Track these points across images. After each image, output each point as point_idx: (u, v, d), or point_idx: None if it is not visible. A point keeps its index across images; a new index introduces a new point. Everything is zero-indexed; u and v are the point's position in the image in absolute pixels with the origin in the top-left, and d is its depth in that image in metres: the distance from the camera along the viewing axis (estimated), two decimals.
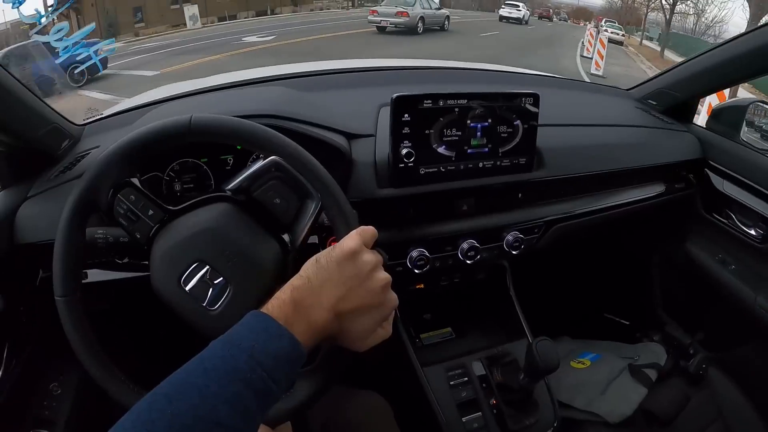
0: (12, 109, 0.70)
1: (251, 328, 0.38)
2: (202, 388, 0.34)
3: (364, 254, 0.43)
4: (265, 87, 0.91)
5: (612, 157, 0.90)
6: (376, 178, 0.72)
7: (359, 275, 0.43)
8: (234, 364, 0.36)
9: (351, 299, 0.42)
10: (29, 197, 0.77)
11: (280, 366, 0.37)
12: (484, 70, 1.11)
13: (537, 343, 0.70)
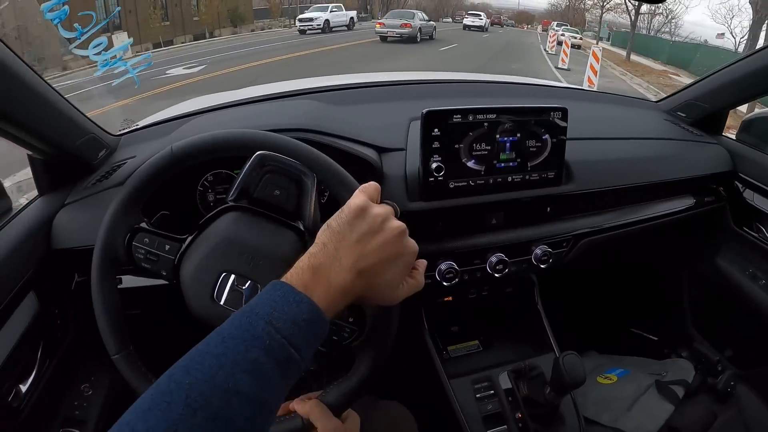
0: (52, 119, 0.72)
1: (269, 297, 0.37)
2: (220, 356, 0.33)
3: (372, 208, 0.43)
4: (296, 101, 0.93)
5: (641, 170, 0.90)
6: (406, 191, 0.73)
7: (372, 229, 0.42)
8: (252, 332, 0.35)
9: (369, 255, 0.41)
10: (66, 204, 0.80)
11: (300, 332, 0.36)
12: (512, 83, 1.11)
13: (564, 357, 0.70)
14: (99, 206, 0.79)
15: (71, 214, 0.79)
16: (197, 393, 0.32)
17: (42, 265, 0.75)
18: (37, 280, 0.74)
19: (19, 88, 0.64)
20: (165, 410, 0.31)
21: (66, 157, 0.79)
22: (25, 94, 0.66)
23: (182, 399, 0.31)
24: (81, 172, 0.83)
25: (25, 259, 0.74)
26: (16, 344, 0.66)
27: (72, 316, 0.83)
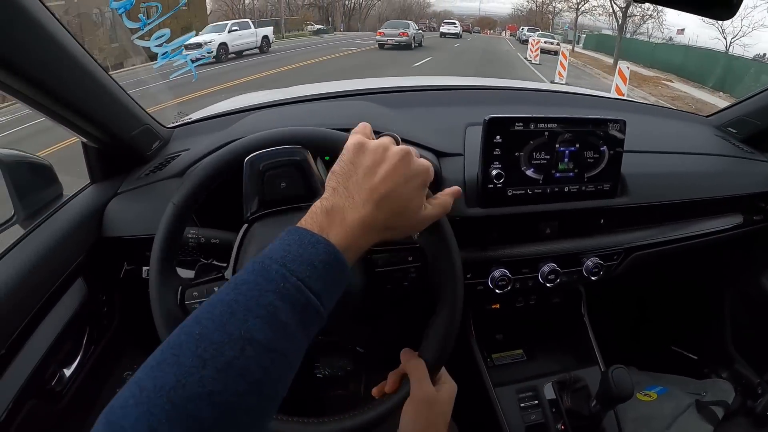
0: (111, 108, 0.74)
1: (284, 242, 0.35)
2: (231, 303, 0.31)
3: (369, 143, 0.43)
4: (353, 101, 0.93)
5: (692, 185, 0.89)
6: (465, 197, 0.73)
7: (376, 160, 0.41)
8: (265, 275, 0.33)
9: (380, 184, 0.40)
10: (119, 193, 0.81)
11: (317, 274, 0.34)
12: (563, 93, 1.11)
13: (613, 370, 0.70)
14: (152, 197, 0.80)
15: (124, 203, 0.80)
16: (208, 342, 0.29)
17: (92, 252, 0.77)
18: (86, 267, 0.75)
19: (81, 77, 0.65)
20: (174, 363, 0.29)
21: (120, 146, 0.80)
22: (86, 83, 0.67)
23: (192, 350, 0.29)
24: (134, 162, 0.84)
25: (76, 245, 0.75)
26: (63, 329, 0.68)
27: (118, 304, 0.84)
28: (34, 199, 0.81)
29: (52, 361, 0.65)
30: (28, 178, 0.81)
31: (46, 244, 0.70)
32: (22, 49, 0.55)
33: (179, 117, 0.93)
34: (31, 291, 0.63)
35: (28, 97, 0.61)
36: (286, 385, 0.33)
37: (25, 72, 0.56)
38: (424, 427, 0.49)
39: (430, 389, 0.50)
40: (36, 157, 0.85)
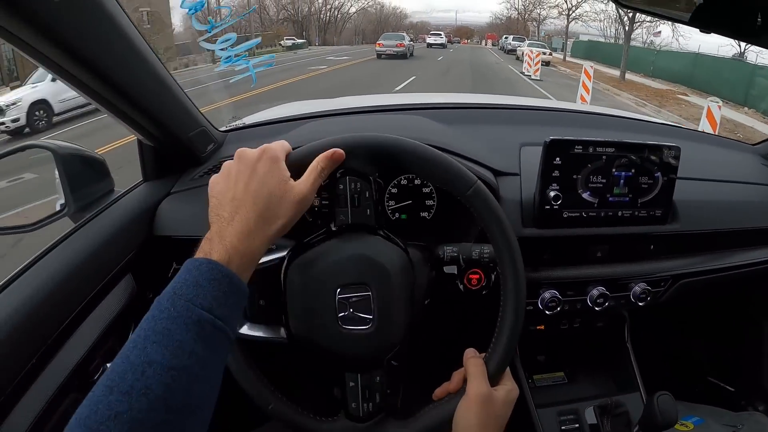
0: (172, 108, 0.75)
1: (177, 277, 0.41)
2: (134, 338, 0.37)
3: (245, 152, 0.48)
4: (409, 116, 0.94)
5: (740, 214, 0.89)
6: (521, 217, 0.73)
7: (230, 174, 0.47)
8: (159, 307, 0.38)
9: (235, 190, 0.45)
10: (172, 193, 0.82)
11: (204, 291, 0.38)
12: (615, 117, 1.11)
13: (658, 397, 0.69)
14: (205, 198, 0.80)
15: (176, 203, 0.81)
16: (115, 374, 0.35)
17: (142, 250, 0.78)
18: (136, 264, 0.76)
19: (148, 76, 0.67)
20: (90, 397, 0.35)
21: (177, 146, 0.81)
22: (152, 82, 0.69)
23: (102, 383, 0.35)
24: (187, 163, 0.85)
25: (128, 242, 0.76)
26: (110, 323, 0.68)
27: None
28: (85, 193, 0.82)
29: (96, 355, 0.66)
30: (81, 171, 0.82)
31: (99, 238, 0.71)
32: (100, 47, 0.56)
33: (233, 121, 0.95)
34: (81, 283, 0.64)
35: (98, 93, 0.63)
36: (197, 397, 0.37)
37: (100, 69, 0.58)
38: (476, 425, 0.49)
39: (485, 388, 0.51)
40: (90, 151, 0.86)
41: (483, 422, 0.49)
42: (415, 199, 0.83)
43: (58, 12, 0.49)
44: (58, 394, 0.56)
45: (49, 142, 0.83)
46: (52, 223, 0.82)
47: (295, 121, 0.91)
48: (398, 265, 0.56)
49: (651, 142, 0.76)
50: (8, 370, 0.50)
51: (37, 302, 0.56)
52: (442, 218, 0.83)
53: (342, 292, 0.53)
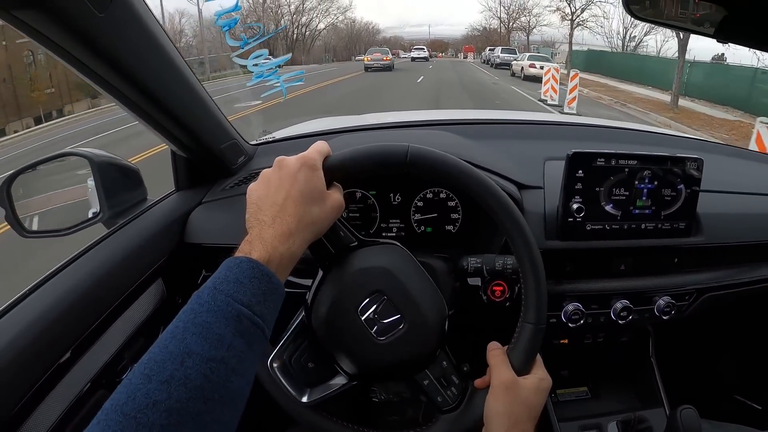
0: (206, 121, 0.79)
1: (216, 273, 0.42)
2: (173, 328, 0.38)
3: (285, 160, 0.50)
4: (436, 131, 0.97)
5: (766, 227, 0.88)
6: (544, 229, 0.74)
7: (271, 180, 0.49)
8: (199, 300, 0.40)
9: (277, 195, 0.47)
10: (204, 202, 0.86)
11: (243, 288, 0.40)
12: (632, 130, 1.13)
13: (682, 411, 0.69)
14: (236, 208, 0.84)
15: (208, 212, 0.84)
16: (153, 363, 0.36)
17: (173, 256, 0.81)
18: (166, 269, 0.79)
19: (184, 89, 0.71)
20: (126, 385, 0.35)
21: (209, 158, 0.85)
22: (187, 96, 0.72)
23: (140, 371, 0.36)
24: (219, 174, 0.89)
25: (159, 248, 0.79)
26: (140, 325, 0.71)
27: None
28: (119, 200, 0.86)
29: (125, 355, 0.68)
30: (115, 179, 0.86)
31: (132, 243, 0.75)
32: (140, 61, 0.60)
33: (263, 135, 0.99)
34: (113, 286, 0.67)
35: (137, 105, 0.66)
36: (233, 389, 0.38)
37: (139, 81, 0.62)
38: (503, 413, 0.50)
39: (506, 376, 0.52)
40: (124, 160, 0.90)
41: (509, 409, 0.50)
42: (440, 212, 0.85)
43: (103, 26, 0.52)
44: (88, 390, 0.59)
45: (86, 150, 0.87)
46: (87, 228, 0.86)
47: (324, 136, 0.94)
48: (395, 258, 0.57)
49: (673, 154, 0.77)
50: (40, 364, 0.53)
51: (70, 301, 0.59)
52: (466, 231, 0.84)
53: (363, 310, 0.54)
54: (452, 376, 0.56)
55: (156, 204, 0.87)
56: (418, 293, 0.55)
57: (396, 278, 0.55)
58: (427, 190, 0.85)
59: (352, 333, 0.54)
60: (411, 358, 0.55)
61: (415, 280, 0.56)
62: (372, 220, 0.87)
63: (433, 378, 0.55)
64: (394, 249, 0.58)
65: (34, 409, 0.51)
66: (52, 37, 0.51)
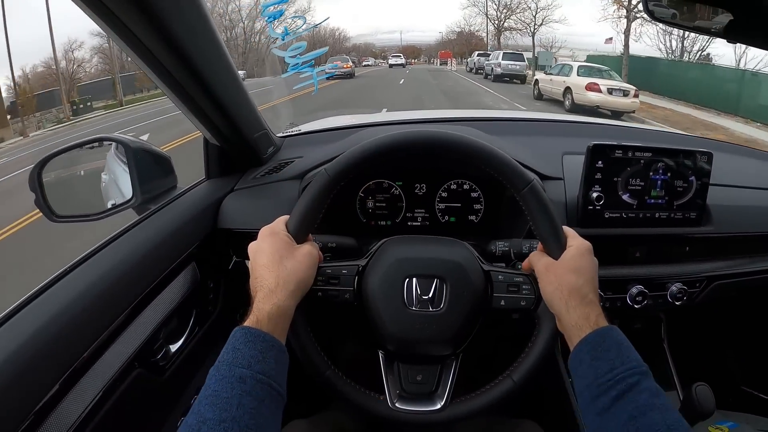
0: (243, 110, 0.83)
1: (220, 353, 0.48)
2: (192, 408, 0.44)
3: (251, 244, 0.58)
4: (461, 126, 1.02)
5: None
6: (566, 217, 0.79)
7: (256, 251, 0.57)
8: (208, 377, 0.46)
9: (262, 267, 0.54)
10: (236, 189, 0.89)
11: (239, 354, 0.46)
12: (643, 129, 1.20)
13: (696, 387, 0.74)
14: (267, 195, 0.89)
15: (240, 199, 0.88)
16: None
17: (206, 241, 0.84)
18: (200, 254, 0.82)
19: (228, 79, 0.75)
20: None
21: (242, 146, 0.89)
22: (231, 85, 0.76)
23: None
24: (249, 163, 0.93)
25: (193, 233, 0.83)
26: (175, 307, 0.74)
27: (222, 293, 0.90)
28: (152, 186, 0.89)
29: (160, 336, 0.71)
30: (149, 166, 0.89)
31: (166, 228, 0.78)
32: (197, 48, 0.64)
33: (290, 128, 1.03)
34: (149, 269, 0.70)
35: (186, 91, 0.70)
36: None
37: (195, 67, 0.65)
38: (554, 290, 0.55)
39: (543, 260, 0.58)
40: (157, 148, 0.94)
41: (558, 284, 0.56)
42: (463, 203, 0.90)
43: (170, 8, 0.56)
44: (125, 368, 0.61)
45: (122, 136, 0.91)
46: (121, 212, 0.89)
47: (347, 130, 0.99)
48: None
49: (686, 147, 0.82)
50: (79, 343, 0.55)
51: (108, 283, 0.62)
52: (488, 221, 0.89)
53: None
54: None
55: (188, 191, 0.91)
56: None
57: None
58: (451, 182, 0.90)
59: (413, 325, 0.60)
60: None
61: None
62: (398, 210, 0.91)
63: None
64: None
65: (73, 386, 0.53)
66: (120, 15, 0.54)
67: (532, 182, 0.60)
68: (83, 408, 0.53)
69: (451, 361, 0.64)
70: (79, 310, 0.56)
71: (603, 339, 0.52)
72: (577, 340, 0.53)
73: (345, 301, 0.62)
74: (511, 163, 0.61)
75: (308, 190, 0.60)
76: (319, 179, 0.60)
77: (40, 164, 0.84)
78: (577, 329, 0.53)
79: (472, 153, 0.61)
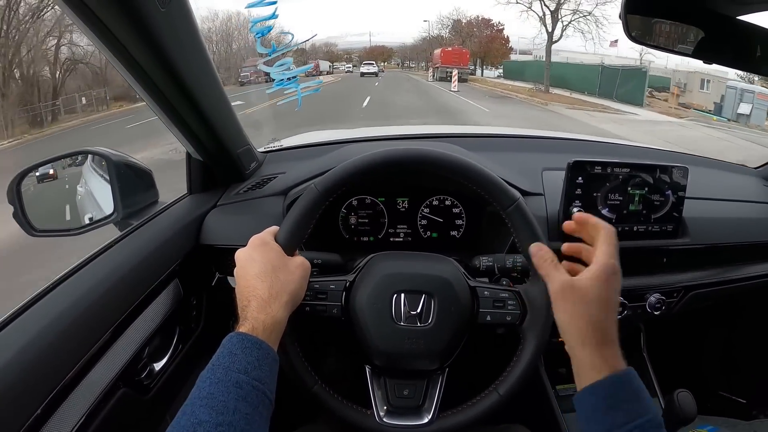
0: (228, 124, 0.85)
1: (214, 355, 0.50)
2: (183, 408, 0.45)
3: (240, 251, 0.60)
4: (441, 143, 1.06)
5: (746, 230, 1.00)
6: (547, 232, 0.84)
7: (247, 260, 0.58)
8: (200, 379, 0.47)
9: (255, 278, 0.56)
10: (218, 205, 0.91)
11: (236, 359, 0.48)
12: (619, 144, 1.27)
13: (677, 393, 0.79)
14: (250, 211, 0.91)
15: (222, 215, 0.90)
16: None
17: (189, 258, 0.86)
18: (182, 271, 0.84)
19: (213, 93, 0.77)
20: None
21: (225, 162, 0.91)
22: (216, 99, 0.79)
23: None
24: (231, 179, 0.95)
25: (176, 249, 0.84)
26: (159, 325, 0.75)
27: (205, 310, 0.92)
28: (133, 201, 0.90)
29: (144, 355, 0.73)
30: (130, 180, 0.90)
31: (149, 244, 0.79)
32: (185, 60, 0.66)
33: (272, 143, 1.06)
34: (132, 287, 0.71)
35: (172, 104, 0.72)
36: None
37: (181, 79, 0.67)
38: (570, 320, 0.50)
39: (563, 277, 0.53)
40: (138, 162, 0.95)
41: (577, 312, 0.51)
42: (445, 218, 0.94)
43: (162, 21, 0.58)
44: (112, 387, 0.62)
45: (103, 149, 0.91)
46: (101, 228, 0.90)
47: (329, 146, 1.02)
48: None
49: (662, 163, 0.88)
50: (61, 365, 0.55)
51: (90, 301, 0.63)
52: (470, 237, 0.93)
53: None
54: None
55: (170, 206, 0.92)
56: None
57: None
58: (433, 198, 0.94)
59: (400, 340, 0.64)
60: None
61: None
62: (381, 226, 0.95)
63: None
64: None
65: (57, 408, 0.53)
66: (111, 27, 0.55)
67: (518, 200, 0.64)
68: (68, 431, 0.54)
69: (438, 375, 0.68)
70: (61, 330, 0.57)
71: (622, 386, 0.48)
72: (590, 381, 0.49)
73: (332, 315, 0.65)
74: (498, 182, 0.65)
75: (298, 204, 0.63)
76: (309, 194, 0.63)
77: (19, 177, 0.84)
78: (591, 369, 0.49)
79: (459, 171, 0.65)
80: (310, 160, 0.97)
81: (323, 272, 0.72)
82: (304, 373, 0.63)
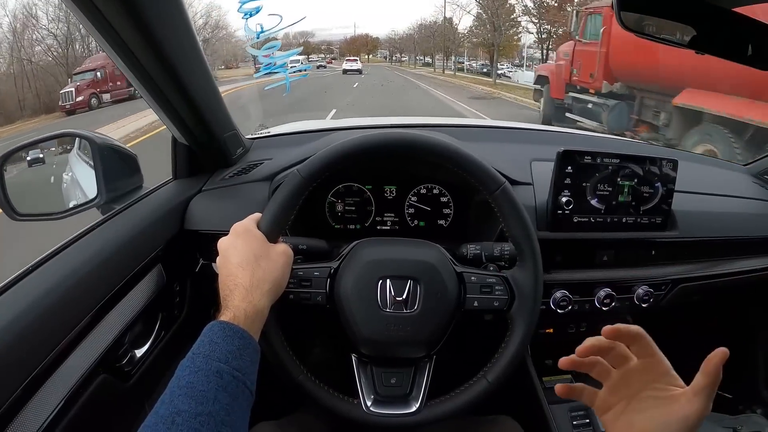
0: (214, 108, 0.86)
1: (195, 343, 0.50)
2: (162, 398, 0.44)
3: (223, 240, 0.60)
4: (429, 131, 1.06)
5: (734, 225, 1.02)
6: (536, 221, 0.85)
7: (229, 247, 0.59)
8: (180, 368, 0.47)
9: (237, 266, 0.56)
10: (204, 190, 0.92)
11: (217, 347, 0.48)
12: (608, 138, 1.29)
13: None
14: (235, 197, 0.92)
15: (207, 200, 0.91)
16: (146, 429, 0.42)
17: (172, 243, 0.86)
18: (165, 256, 0.84)
19: (201, 76, 0.77)
20: None
21: (212, 146, 0.91)
22: (204, 82, 0.79)
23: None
24: (217, 164, 0.95)
25: (159, 234, 0.85)
26: (140, 311, 0.76)
27: (189, 296, 0.92)
28: (117, 185, 0.91)
29: (125, 341, 0.73)
30: (114, 164, 0.91)
31: (131, 229, 0.80)
32: (174, 42, 0.66)
33: (259, 130, 1.06)
34: (113, 271, 0.72)
35: (159, 86, 0.72)
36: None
37: (169, 61, 0.68)
38: None
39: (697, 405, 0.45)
40: (123, 146, 0.95)
41: None
42: (433, 207, 0.94)
43: (150, 3, 0.58)
44: (91, 373, 0.62)
45: (88, 132, 0.91)
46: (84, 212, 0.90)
47: (315, 133, 1.03)
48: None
49: (652, 155, 0.89)
50: (39, 349, 0.55)
51: (69, 285, 0.62)
52: (457, 226, 0.94)
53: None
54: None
55: (154, 191, 0.92)
56: None
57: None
58: (420, 186, 0.95)
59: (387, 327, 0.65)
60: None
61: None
62: (368, 214, 0.96)
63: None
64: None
65: (35, 393, 0.53)
66: (99, 5, 0.55)
67: (504, 184, 0.65)
68: (45, 416, 0.54)
69: (425, 363, 0.68)
70: (40, 313, 0.57)
71: None
72: None
73: (317, 303, 0.66)
74: (484, 166, 0.66)
75: (280, 190, 0.63)
76: (292, 179, 0.63)
77: (1, 159, 0.84)
78: None
79: (446, 155, 0.66)
80: (297, 146, 0.98)
81: (308, 259, 0.72)
82: (289, 363, 0.63)
